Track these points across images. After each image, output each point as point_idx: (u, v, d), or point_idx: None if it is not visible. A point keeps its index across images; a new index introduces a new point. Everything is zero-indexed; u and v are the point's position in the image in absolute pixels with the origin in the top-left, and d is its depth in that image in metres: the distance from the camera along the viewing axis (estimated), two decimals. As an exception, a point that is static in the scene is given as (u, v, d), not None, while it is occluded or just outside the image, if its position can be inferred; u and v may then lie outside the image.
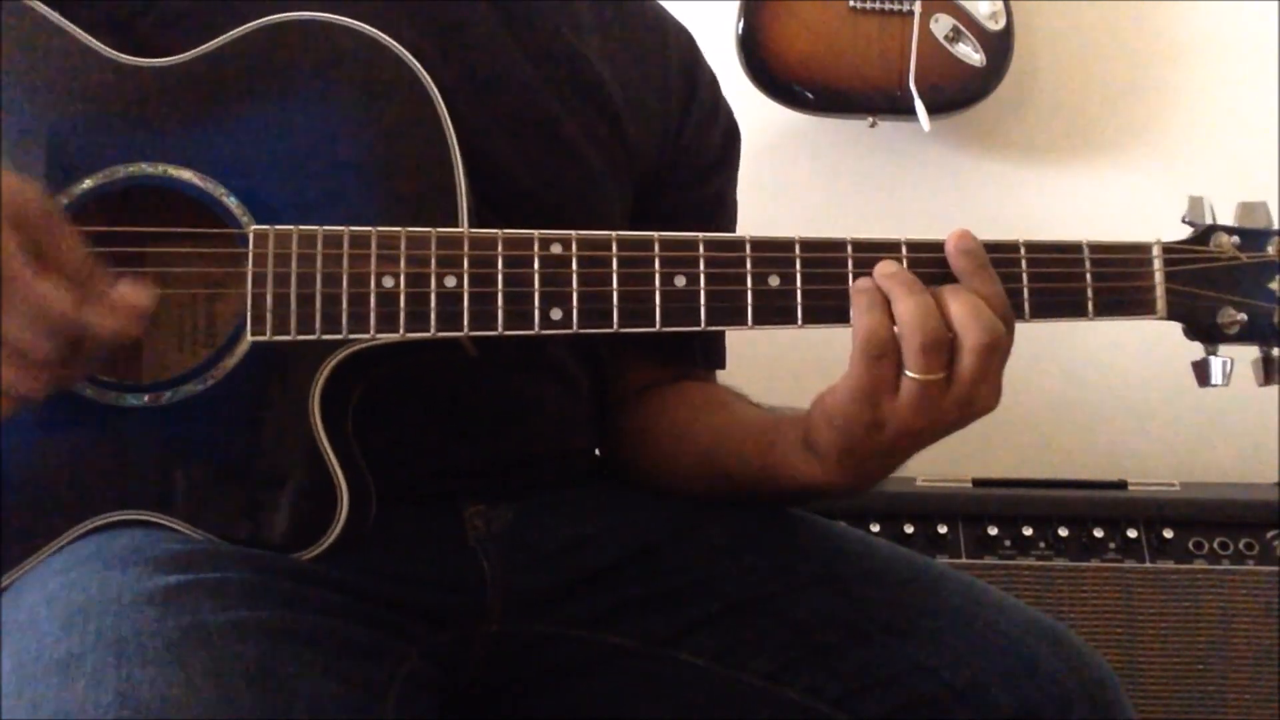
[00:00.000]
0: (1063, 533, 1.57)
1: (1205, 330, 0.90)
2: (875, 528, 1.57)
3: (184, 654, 0.70)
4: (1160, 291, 0.88)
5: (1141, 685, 1.53)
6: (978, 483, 1.65)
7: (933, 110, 1.82)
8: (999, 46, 1.84)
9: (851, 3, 1.82)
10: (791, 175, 1.99)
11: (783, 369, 0.91)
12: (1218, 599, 1.54)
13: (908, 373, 0.82)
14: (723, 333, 1.14)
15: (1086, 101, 2.00)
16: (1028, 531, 1.57)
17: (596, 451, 1.13)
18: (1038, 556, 1.57)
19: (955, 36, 1.83)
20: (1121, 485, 1.64)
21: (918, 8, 1.82)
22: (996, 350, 0.83)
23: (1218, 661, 1.53)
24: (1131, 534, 1.57)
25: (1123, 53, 1.99)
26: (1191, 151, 1.95)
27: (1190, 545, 1.56)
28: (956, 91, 1.84)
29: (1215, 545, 1.55)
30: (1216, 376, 0.90)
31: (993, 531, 1.58)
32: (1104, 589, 1.55)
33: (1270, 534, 1.55)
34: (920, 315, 0.82)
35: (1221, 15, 1.97)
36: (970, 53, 1.83)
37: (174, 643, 0.71)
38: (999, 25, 1.84)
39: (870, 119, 1.86)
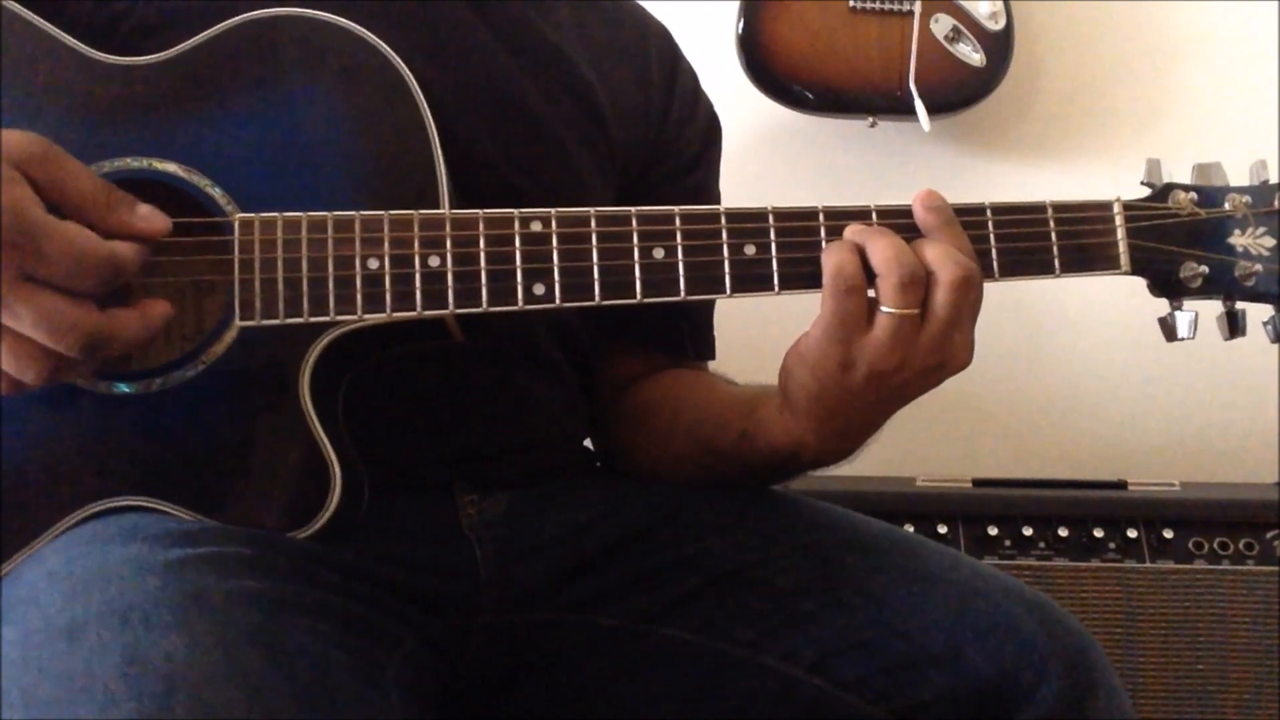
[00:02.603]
0: (1063, 533, 1.57)
1: (1169, 285, 0.91)
2: (875, 527, 1.57)
3: (189, 619, 0.70)
4: (1123, 247, 0.90)
5: (1141, 685, 1.53)
6: (978, 483, 1.65)
7: (933, 110, 1.82)
8: (999, 46, 1.84)
9: (851, 3, 1.82)
10: (791, 175, 1.99)
11: (773, 362, 0.92)
12: (1218, 599, 1.53)
13: (883, 308, 0.84)
14: (711, 323, 1.16)
15: (1086, 101, 2.00)
16: (1028, 531, 1.57)
17: (588, 444, 1.14)
18: (1038, 556, 1.57)
19: (955, 36, 1.83)
20: (1121, 485, 1.64)
21: (918, 8, 1.82)
22: (970, 288, 0.84)
23: (1218, 661, 1.53)
24: (1131, 534, 1.57)
25: (1123, 53, 2.00)
26: (1191, 151, 1.94)
27: (1190, 545, 1.55)
28: (956, 91, 1.85)
29: (1215, 545, 1.55)
30: (1183, 330, 0.91)
31: (993, 531, 1.58)
32: (1104, 589, 1.55)
33: (1270, 534, 1.55)
34: (896, 251, 0.84)
35: (1221, 15, 1.97)
36: (970, 53, 1.83)
37: (178, 608, 0.71)
38: (999, 25, 1.84)
39: (870, 119, 1.87)
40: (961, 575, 0.96)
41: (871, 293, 0.85)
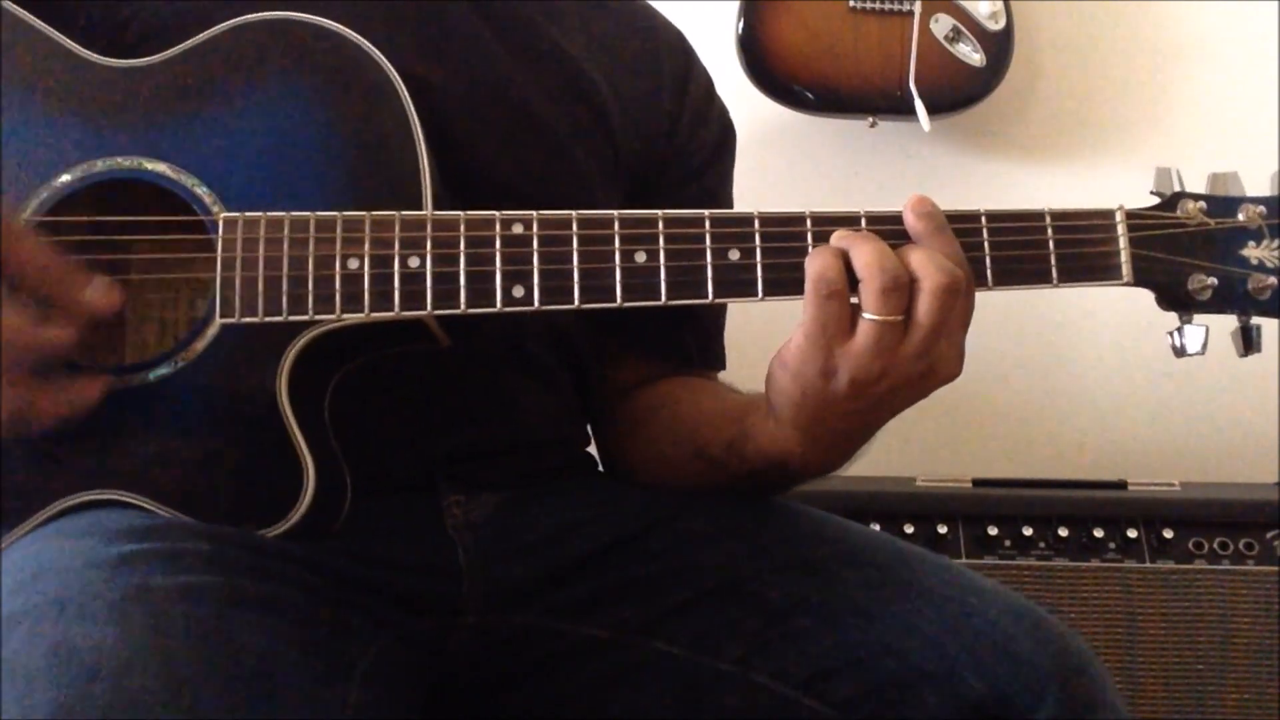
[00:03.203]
0: (1063, 533, 1.57)
1: (1177, 297, 0.88)
2: (875, 527, 1.57)
3: (124, 612, 0.70)
4: (1125, 256, 0.87)
5: (1141, 685, 1.52)
6: (978, 483, 1.65)
7: (933, 110, 1.82)
8: (999, 46, 1.84)
9: (851, 3, 1.82)
10: (792, 176, 1.99)
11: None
12: (1218, 599, 1.53)
13: (865, 314, 0.82)
14: (720, 332, 1.14)
15: (1086, 101, 2.00)
16: (1028, 531, 1.57)
17: (590, 450, 1.13)
18: (1038, 556, 1.57)
19: (955, 36, 1.83)
20: (1121, 485, 1.63)
21: (918, 8, 1.82)
22: (955, 295, 0.82)
23: (1218, 661, 1.52)
24: (1131, 534, 1.56)
25: (1123, 53, 2.00)
26: (1191, 151, 1.95)
27: (1190, 545, 1.55)
28: (956, 91, 1.85)
29: (1215, 545, 1.55)
30: (1193, 345, 0.89)
31: (993, 531, 1.57)
32: (1104, 589, 1.55)
33: (1270, 534, 1.55)
34: (879, 257, 0.82)
35: (1221, 15, 1.97)
36: (970, 53, 1.83)
37: (115, 602, 0.71)
38: (999, 25, 1.84)
39: (870, 119, 1.87)
40: (958, 591, 0.94)
41: (856, 300, 0.83)
